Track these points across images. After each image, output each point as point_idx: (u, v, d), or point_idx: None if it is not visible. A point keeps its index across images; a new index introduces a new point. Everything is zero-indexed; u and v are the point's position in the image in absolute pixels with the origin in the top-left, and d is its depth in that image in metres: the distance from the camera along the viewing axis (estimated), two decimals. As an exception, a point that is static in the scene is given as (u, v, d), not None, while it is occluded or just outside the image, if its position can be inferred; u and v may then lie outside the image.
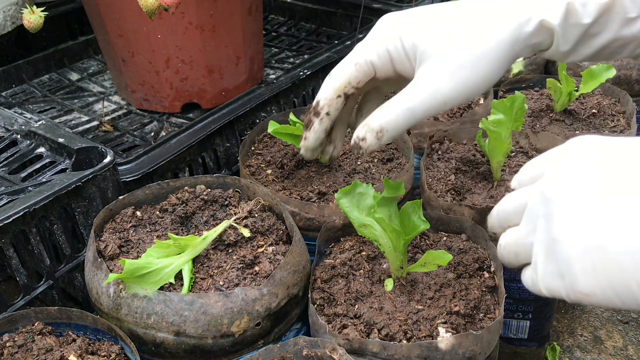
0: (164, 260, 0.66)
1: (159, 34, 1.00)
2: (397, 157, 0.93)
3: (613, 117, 1.08)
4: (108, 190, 0.81)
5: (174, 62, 1.04)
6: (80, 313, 0.64)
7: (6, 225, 0.70)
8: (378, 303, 0.67)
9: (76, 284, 0.82)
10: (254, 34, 1.12)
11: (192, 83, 1.07)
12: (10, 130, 0.90)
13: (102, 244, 0.72)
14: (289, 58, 1.33)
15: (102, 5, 1.00)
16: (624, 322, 1.16)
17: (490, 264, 0.72)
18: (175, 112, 1.11)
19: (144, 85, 1.09)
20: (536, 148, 0.96)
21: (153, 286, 0.64)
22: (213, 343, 0.63)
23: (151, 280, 0.64)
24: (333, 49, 1.22)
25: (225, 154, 1.01)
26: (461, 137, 0.97)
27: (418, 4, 1.38)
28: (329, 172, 0.88)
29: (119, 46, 1.05)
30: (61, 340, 0.63)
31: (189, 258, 0.68)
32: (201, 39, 1.02)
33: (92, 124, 1.08)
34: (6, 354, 0.60)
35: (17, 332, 0.63)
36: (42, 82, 1.22)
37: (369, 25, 1.33)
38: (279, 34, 1.46)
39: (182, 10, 0.97)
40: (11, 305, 0.74)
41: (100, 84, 1.23)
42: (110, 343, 0.63)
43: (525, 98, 0.85)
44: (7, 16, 1.14)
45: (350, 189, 0.67)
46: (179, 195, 0.78)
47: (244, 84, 1.13)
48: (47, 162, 0.85)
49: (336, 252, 0.75)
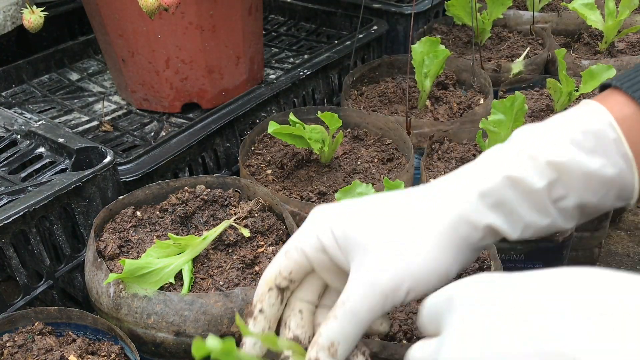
0: (163, 260, 0.66)
1: (159, 34, 1.00)
2: (397, 157, 0.93)
3: (613, 117, 1.08)
4: (108, 190, 0.81)
5: (174, 62, 1.04)
6: (80, 313, 0.64)
7: (6, 225, 0.70)
8: (378, 303, 0.67)
9: (76, 284, 0.82)
10: (254, 34, 1.12)
11: (192, 83, 1.07)
12: (10, 130, 0.90)
13: (102, 244, 0.72)
14: (289, 58, 1.33)
15: (102, 5, 1.00)
16: (624, 322, 1.16)
17: (490, 264, 0.72)
18: (175, 112, 1.11)
19: (144, 85, 1.09)
20: (536, 148, 0.96)
21: (153, 286, 0.64)
22: (213, 343, 0.63)
23: (151, 280, 0.64)
24: (333, 49, 1.22)
25: (225, 154, 1.01)
26: (461, 137, 0.97)
27: (418, 4, 1.39)
28: (329, 172, 0.88)
29: (119, 46, 1.05)
30: (61, 340, 0.63)
31: (188, 258, 0.68)
32: (201, 39, 1.02)
33: (92, 124, 1.08)
34: (6, 354, 0.60)
35: (17, 332, 0.63)
36: (42, 82, 1.22)
37: (369, 25, 1.33)
38: (279, 34, 1.46)
39: (182, 10, 0.97)
40: (11, 305, 0.74)
41: (100, 84, 1.23)
42: (110, 343, 0.63)
43: (525, 98, 0.85)
44: (7, 16, 1.14)
45: (350, 189, 0.67)
46: (179, 195, 0.78)
47: (244, 84, 1.13)
48: (47, 162, 0.85)
49: (336, 252, 0.75)
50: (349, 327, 0.46)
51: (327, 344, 0.45)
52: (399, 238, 0.46)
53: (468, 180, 0.48)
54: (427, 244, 0.46)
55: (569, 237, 0.84)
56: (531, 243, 0.83)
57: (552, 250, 0.83)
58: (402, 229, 0.47)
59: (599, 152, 0.46)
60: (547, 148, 0.47)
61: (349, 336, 0.46)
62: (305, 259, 0.49)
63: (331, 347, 0.46)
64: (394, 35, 1.39)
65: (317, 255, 0.48)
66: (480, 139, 0.87)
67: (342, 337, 0.46)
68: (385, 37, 1.36)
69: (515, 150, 0.48)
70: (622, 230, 1.40)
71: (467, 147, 0.95)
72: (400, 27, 1.38)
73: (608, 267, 1.29)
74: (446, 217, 0.46)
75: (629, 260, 1.31)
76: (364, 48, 1.29)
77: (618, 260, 1.31)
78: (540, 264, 0.85)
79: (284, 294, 0.50)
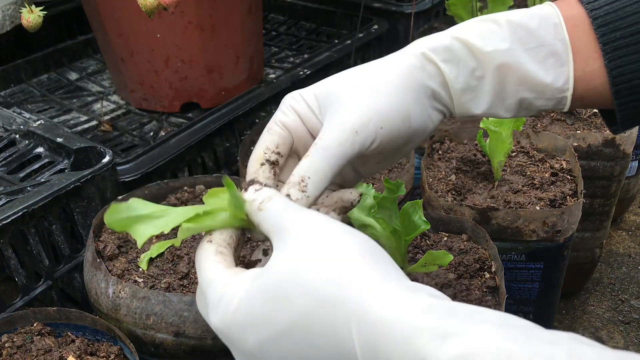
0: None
1: (159, 33, 1.00)
2: (397, 156, 0.93)
3: (614, 117, 1.08)
4: (107, 190, 0.80)
5: (173, 62, 1.04)
6: (79, 313, 0.64)
7: (5, 225, 0.70)
8: (378, 304, 0.66)
9: (75, 285, 0.82)
10: (253, 34, 1.11)
11: (192, 83, 1.07)
12: (9, 130, 0.90)
13: (101, 244, 0.71)
14: (289, 57, 1.33)
15: (102, 4, 1.00)
16: (625, 323, 1.16)
17: (491, 265, 0.71)
18: (174, 111, 1.11)
19: (143, 85, 1.08)
20: (537, 148, 0.96)
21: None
22: (213, 344, 0.63)
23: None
24: (333, 48, 1.22)
25: (225, 154, 1.01)
26: (462, 137, 0.97)
27: (418, 3, 1.38)
28: (329, 172, 0.88)
29: (118, 46, 1.05)
30: (60, 340, 0.63)
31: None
32: (201, 39, 1.02)
33: (91, 124, 1.08)
34: (5, 355, 0.60)
35: (15, 332, 0.63)
36: (41, 81, 1.22)
37: (369, 25, 1.33)
38: (279, 33, 1.46)
39: (182, 9, 0.97)
40: (10, 306, 0.74)
41: (99, 84, 1.22)
42: (110, 344, 0.62)
43: (526, 97, 0.85)
44: (6, 15, 1.14)
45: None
46: (178, 196, 0.77)
47: (243, 84, 1.12)
48: (46, 162, 0.85)
49: (336, 253, 0.75)
50: (319, 161, 0.48)
51: (297, 179, 0.48)
52: (367, 84, 0.51)
53: (423, 41, 0.53)
54: (389, 86, 0.51)
55: (570, 237, 0.84)
56: (532, 243, 0.82)
57: (553, 250, 0.83)
58: (369, 78, 0.52)
59: (541, 34, 0.50)
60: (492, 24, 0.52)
61: (319, 170, 0.48)
62: (287, 132, 0.52)
63: (301, 183, 0.48)
64: (394, 34, 1.38)
65: (296, 125, 0.52)
66: (481, 139, 0.87)
67: (312, 171, 0.48)
68: (385, 37, 1.36)
69: (471, 20, 0.54)
70: (623, 231, 1.39)
71: (468, 147, 0.95)
72: (401, 27, 1.38)
73: (609, 267, 1.29)
74: (404, 65, 0.52)
75: (630, 261, 1.30)
76: (364, 47, 1.29)
77: (619, 261, 1.30)
78: (541, 264, 0.85)
79: (275, 169, 0.52)
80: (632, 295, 1.22)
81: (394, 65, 0.53)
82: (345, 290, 0.37)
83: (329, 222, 0.42)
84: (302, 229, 0.42)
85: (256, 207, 0.45)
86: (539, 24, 0.51)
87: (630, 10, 0.49)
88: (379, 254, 0.41)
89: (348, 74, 0.54)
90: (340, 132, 0.49)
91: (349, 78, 0.53)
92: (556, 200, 0.84)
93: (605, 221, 1.10)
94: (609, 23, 0.49)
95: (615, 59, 0.49)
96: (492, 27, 0.52)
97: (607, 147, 0.98)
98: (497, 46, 0.51)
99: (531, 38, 0.51)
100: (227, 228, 0.48)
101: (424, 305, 0.36)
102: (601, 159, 1.00)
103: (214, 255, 0.46)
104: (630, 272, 1.27)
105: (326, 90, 0.52)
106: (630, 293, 1.22)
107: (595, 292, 1.23)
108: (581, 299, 1.21)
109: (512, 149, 0.91)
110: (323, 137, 0.49)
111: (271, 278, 0.40)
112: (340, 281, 0.38)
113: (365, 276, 0.38)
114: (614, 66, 0.50)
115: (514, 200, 0.84)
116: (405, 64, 0.52)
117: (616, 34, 0.49)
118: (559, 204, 0.83)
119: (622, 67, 0.50)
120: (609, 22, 0.49)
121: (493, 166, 0.87)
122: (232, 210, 0.47)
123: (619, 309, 1.19)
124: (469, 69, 0.52)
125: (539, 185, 0.87)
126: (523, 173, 0.90)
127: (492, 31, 0.51)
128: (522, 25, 0.51)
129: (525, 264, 0.85)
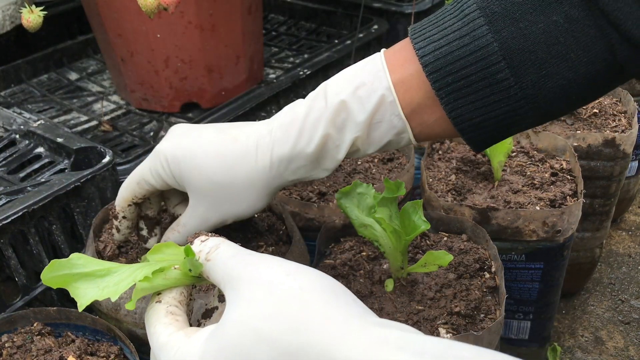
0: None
1: (159, 33, 1.00)
2: (397, 157, 0.93)
3: (614, 117, 1.08)
4: (107, 190, 0.80)
5: (173, 62, 1.04)
6: (79, 314, 0.64)
7: (5, 225, 0.70)
8: (378, 304, 0.66)
9: (75, 285, 0.81)
10: (253, 34, 1.11)
11: (192, 82, 1.07)
12: (9, 130, 0.90)
13: (101, 244, 0.71)
14: (289, 57, 1.33)
15: (102, 4, 1.00)
16: (625, 323, 1.16)
17: (491, 265, 0.71)
18: (174, 111, 1.11)
19: (143, 85, 1.08)
20: (537, 148, 0.96)
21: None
22: (213, 344, 0.63)
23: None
24: (333, 49, 1.22)
25: (225, 154, 1.01)
26: (462, 137, 0.97)
27: (418, 3, 1.38)
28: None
29: (118, 46, 1.05)
30: (60, 340, 0.63)
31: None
32: (201, 39, 1.02)
33: (91, 124, 1.08)
34: (5, 355, 0.60)
35: (15, 332, 0.63)
36: (41, 81, 1.22)
37: (369, 25, 1.33)
38: (279, 33, 1.46)
39: (182, 9, 0.97)
40: (10, 306, 0.74)
41: (100, 84, 1.22)
42: (110, 344, 0.62)
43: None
44: (6, 15, 1.14)
45: (350, 189, 0.67)
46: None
47: (243, 84, 1.12)
48: (46, 162, 0.85)
49: (336, 253, 0.75)
50: (183, 239, 0.61)
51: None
52: (227, 185, 0.57)
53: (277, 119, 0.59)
54: (248, 195, 0.58)
55: (570, 238, 0.84)
56: (532, 243, 0.82)
57: (553, 250, 0.83)
58: (229, 176, 0.57)
59: (378, 116, 0.54)
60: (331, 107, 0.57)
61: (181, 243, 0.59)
62: (152, 186, 0.61)
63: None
64: (394, 34, 1.38)
65: (159, 182, 0.60)
66: (481, 139, 0.87)
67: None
68: (385, 37, 1.36)
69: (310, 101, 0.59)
70: (623, 231, 1.39)
71: (468, 147, 0.95)
72: (401, 27, 1.38)
73: (609, 267, 1.29)
74: (263, 176, 0.57)
75: (630, 261, 1.30)
76: (364, 47, 1.29)
77: (619, 261, 1.30)
78: (540, 264, 0.85)
79: (140, 206, 0.65)
80: (632, 295, 1.22)
81: (252, 171, 0.57)
82: (308, 337, 0.35)
83: (282, 264, 0.40)
84: (254, 276, 0.39)
85: (204, 259, 0.44)
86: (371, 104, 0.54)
87: (458, 55, 0.49)
88: (339, 292, 0.39)
89: (208, 159, 0.57)
90: (201, 225, 0.61)
91: (209, 166, 0.57)
92: (556, 200, 0.84)
93: (605, 221, 1.10)
94: (440, 69, 0.50)
95: (451, 102, 0.51)
96: (322, 105, 0.57)
97: (607, 147, 0.98)
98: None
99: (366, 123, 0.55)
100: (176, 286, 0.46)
101: (400, 342, 0.34)
102: (601, 159, 1.00)
103: (164, 317, 0.44)
104: (630, 272, 1.27)
105: (188, 177, 0.58)
106: (630, 293, 1.22)
107: (595, 292, 1.23)
108: (581, 299, 1.21)
109: (512, 149, 0.91)
110: (188, 225, 0.61)
111: (227, 336, 0.38)
112: (301, 328, 0.36)
113: (327, 319, 0.36)
114: (452, 109, 0.51)
115: (514, 200, 0.84)
116: (264, 177, 0.57)
117: (448, 79, 0.50)
118: (559, 204, 0.83)
119: (459, 108, 0.51)
120: (440, 69, 0.50)
121: (493, 166, 0.87)
122: (185, 270, 0.45)
123: (619, 309, 1.19)
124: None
125: (539, 185, 0.87)
126: (523, 173, 0.90)
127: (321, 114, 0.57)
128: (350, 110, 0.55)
129: (525, 264, 0.85)
